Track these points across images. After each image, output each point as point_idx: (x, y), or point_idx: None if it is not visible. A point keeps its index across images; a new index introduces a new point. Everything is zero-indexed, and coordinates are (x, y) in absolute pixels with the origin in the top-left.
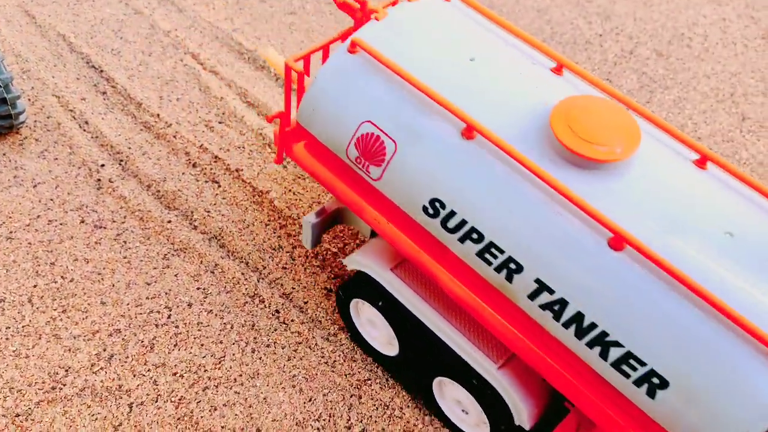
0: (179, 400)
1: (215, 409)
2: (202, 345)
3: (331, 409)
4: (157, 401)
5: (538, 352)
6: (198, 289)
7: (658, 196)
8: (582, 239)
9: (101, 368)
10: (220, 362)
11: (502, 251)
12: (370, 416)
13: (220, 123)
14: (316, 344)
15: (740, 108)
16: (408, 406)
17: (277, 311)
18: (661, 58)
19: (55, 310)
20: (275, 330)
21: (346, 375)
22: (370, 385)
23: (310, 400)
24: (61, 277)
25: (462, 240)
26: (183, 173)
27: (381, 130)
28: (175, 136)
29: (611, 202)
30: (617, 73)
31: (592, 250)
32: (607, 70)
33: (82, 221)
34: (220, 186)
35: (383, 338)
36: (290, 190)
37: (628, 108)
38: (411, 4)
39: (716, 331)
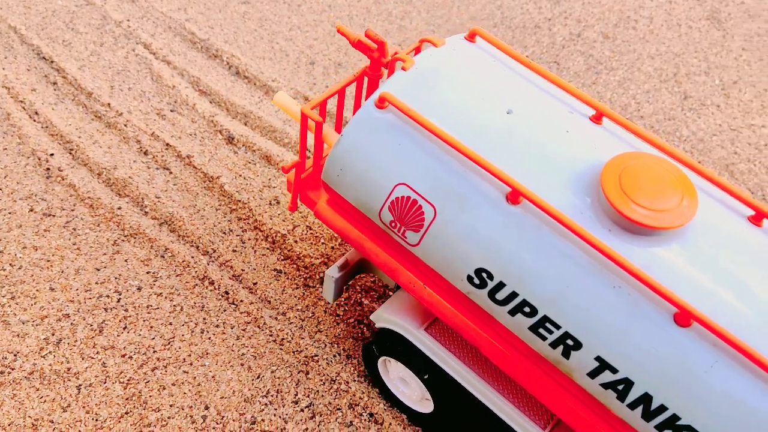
0: (128, 381)
1: (164, 389)
2: (151, 327)
3: (279, 385)
4: (105, 383)
5: (595, 425)
6: (148, 273)
7: (721, 263)
8: (646, 315)
9: (50, 352)
10: (169, 343)
11: (558, 326)
12: (317, 391)
13: (171, 111)
14: (264, 323)
15: (682, 87)
16: (354, 380)
17: (227, 292)
18: (608, 40)
19: (3, 296)
20: (224, 310)
21: (293, 352)
22: (317, 362)
23: (258, 377)
24: (10, 264)
25: (512, 313)
26: (134, 161)
27: (418, 194)
28: (126, 125)
29: (673, 272)
30: (565, 56)
31: (658, 327)
32: (555, 53)
33: (31, 210)
34: (171, 172)
35: (416, 396)
36: (240, 175)
37: (677, 161)
38: (437, 51)
39: None
